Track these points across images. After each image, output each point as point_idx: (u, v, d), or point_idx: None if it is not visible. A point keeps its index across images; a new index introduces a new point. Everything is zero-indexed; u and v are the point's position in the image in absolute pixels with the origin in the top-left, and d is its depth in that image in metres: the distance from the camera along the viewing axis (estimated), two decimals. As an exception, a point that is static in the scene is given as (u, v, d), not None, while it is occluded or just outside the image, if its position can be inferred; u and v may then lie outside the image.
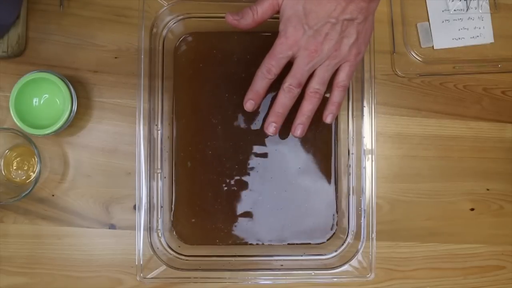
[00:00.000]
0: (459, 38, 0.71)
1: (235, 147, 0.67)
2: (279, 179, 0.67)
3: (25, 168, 0.67)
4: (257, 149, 0.67)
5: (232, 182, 0.67)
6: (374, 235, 0.61)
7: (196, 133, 0.67)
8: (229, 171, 0.66)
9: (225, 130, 0.67)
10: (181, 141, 0.67)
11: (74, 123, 0.66)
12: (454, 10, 0.71)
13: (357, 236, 0.63)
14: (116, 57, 0.68)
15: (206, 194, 0.66)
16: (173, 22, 0.65)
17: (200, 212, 0.67)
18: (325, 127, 0.67)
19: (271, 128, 0.60)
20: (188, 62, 0.67)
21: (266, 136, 0.66)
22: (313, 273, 0.62)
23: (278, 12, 0.57)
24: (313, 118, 0.60)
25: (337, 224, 0.67)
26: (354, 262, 0.62)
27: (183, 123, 0.67)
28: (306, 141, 0.67)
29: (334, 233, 0.67)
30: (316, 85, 0.58)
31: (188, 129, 0.67)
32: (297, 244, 0.67)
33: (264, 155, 0.67)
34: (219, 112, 0.67)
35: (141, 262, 0.60)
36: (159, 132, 0.65)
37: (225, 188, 0.66)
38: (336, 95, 0.60)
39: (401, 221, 0.69)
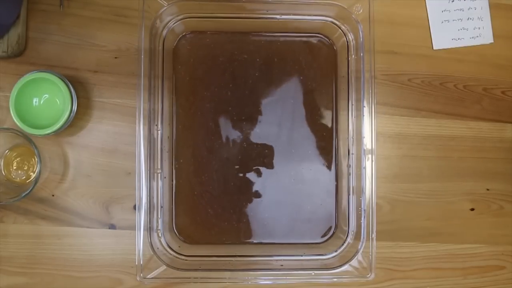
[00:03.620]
0: (458, 39, 0.71)
1: (235, 147, 0.67)
2: (279, 179, 0.67)
3: (25, 168, 0.67)
4: (257, 149, 0.67)
5: (233, 182, 0.67)
6: (374, 235, 0.61)
7: (196, 133, 0.67)
8: (230, 171, 0.66)
9: (226, 129, 0.67)
10: (181, 141, 0.67)
11: (74, 123, 0.66)
12: (454, 10, 0.71)
13: (357, 236, 0.63)
14: (116, 57, 0.68)
15: (206, 194, 0.67)
16: (173, 22, 0.65)
17: (200, 212, 0.67)
18: (325, 127, 0.67)
19: None
20: (188, 62, 0.67)
21: (267, 135, 0.66)
22: (313, 273, 0.62)
23: None
24: (313, 119, 0.59)
25: (337, 224, 0.67)
26: (354, 262, 0.62)
27: (183, 123, 0.67)
28: (306, 141, 0.67)
29: (334, 233, 0.67)
30: None
31: (188, 129, 0.67)
32: (297, 243, 0.67)
33: (264, 155, 0.67)
34: (220, 112, 0.67)
35: (141, 262, 0.60)
36: (159, 132, 0.65)
37: (226, 188, 0.66)
38: None
39: (401, 221, 0.69)
